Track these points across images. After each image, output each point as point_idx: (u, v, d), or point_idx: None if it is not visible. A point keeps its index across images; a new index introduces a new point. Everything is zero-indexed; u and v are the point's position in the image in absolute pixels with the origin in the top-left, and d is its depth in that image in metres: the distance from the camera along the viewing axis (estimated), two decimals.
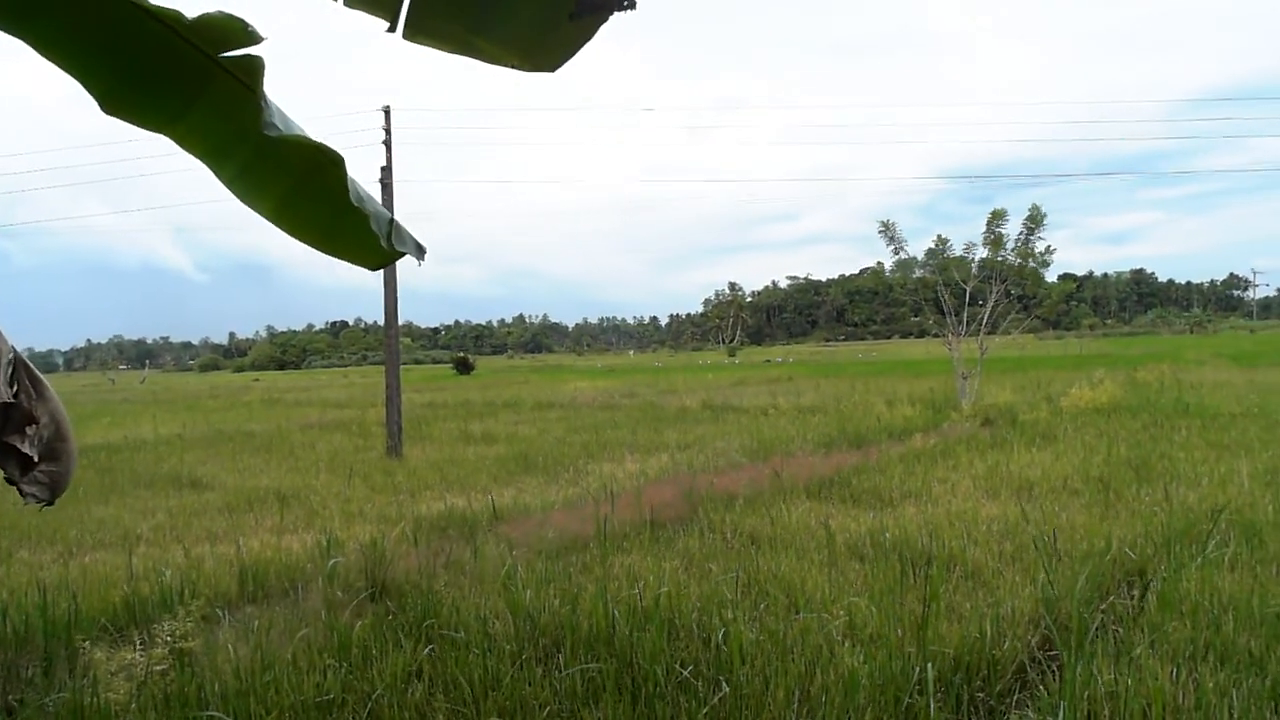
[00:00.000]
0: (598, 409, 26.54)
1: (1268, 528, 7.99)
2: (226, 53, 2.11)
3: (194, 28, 2.05)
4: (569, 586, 6.78)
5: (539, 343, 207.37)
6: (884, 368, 48.88)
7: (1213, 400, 19.92)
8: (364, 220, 2.31)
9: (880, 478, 11.60)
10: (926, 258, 24.01)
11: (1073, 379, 26.31)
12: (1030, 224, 22.40)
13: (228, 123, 2.26)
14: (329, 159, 2.26)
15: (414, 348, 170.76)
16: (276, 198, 2.42)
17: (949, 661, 5.20)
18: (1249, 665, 5.05)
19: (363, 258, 2.57)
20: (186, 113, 2.25)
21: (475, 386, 45.83)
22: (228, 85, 2.18)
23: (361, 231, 2.36)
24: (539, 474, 13.79)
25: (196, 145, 2.35)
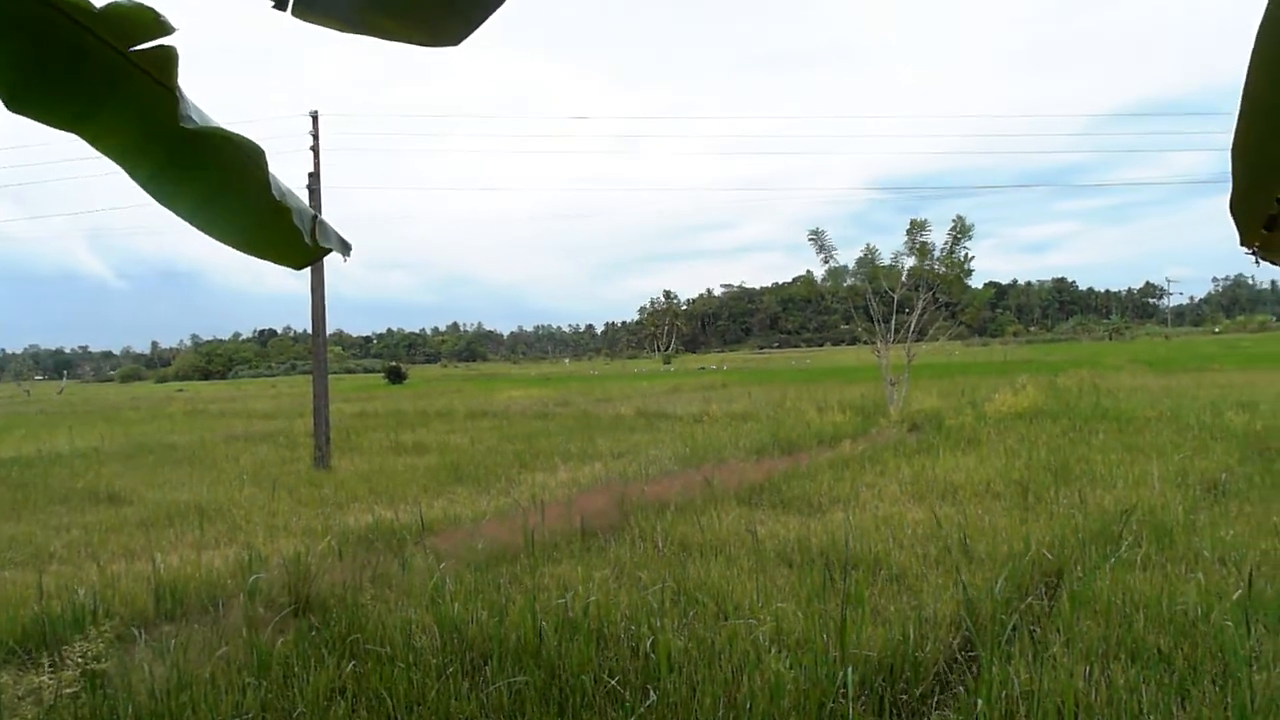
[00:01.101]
0: (531, 418, 26.41)
1: (1177, 528, 8.29)
2: (138, 45, 2.03)
3: (102, 19, 1.96)
4: (498, 598, 6.73)
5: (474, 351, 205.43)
6: (816, 374, 49.54)
7: (1129, 405, 20.60)
8: (287, 217, 2.24)
9: (810, 484, 11.74)
10: (857, 266, 24.41)
11: (997, 385, 26.99)
12: (957, 234, 22.94)
13: (141, 120, 2.16)
14: (248, 152, 2.17)
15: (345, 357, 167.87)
16: (194, 196, 2.32)
17: (873, 664, 5.28)
18: (1158, 662, 5.23)
19: (286, 256, 2.48)
20: (97, 110, 2.15)
21: (407, 396, 45.24)
22: (140, 80, 2.09)
23: (284, 229, 2.28)
24: (470, 484, 13.67)
25: (109, 144, 2.25)
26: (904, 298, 23.46)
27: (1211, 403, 20.21)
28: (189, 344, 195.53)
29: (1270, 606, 5.95)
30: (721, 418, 22.54)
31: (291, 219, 2.19)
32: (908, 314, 23.42)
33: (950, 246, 23.08)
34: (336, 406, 30.57)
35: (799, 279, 29.73)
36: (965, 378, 34.88)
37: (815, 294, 25.53)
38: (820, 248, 23.34)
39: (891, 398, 22.32)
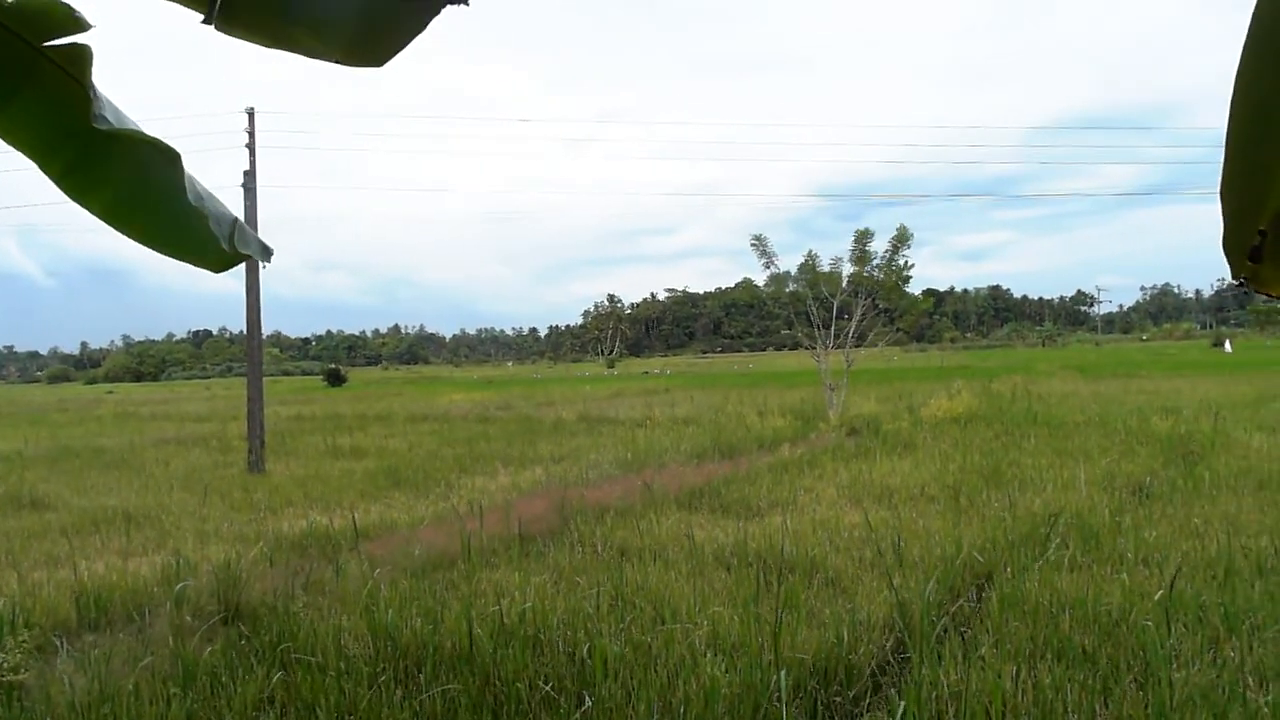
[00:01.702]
0: (472, 421, 26.20)
1: (1103, 530, 8.51)
2: (51, 41, 1.98)
3: (15, 12, 1.91)
4: (433, 604, 6.65)
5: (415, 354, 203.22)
6: (758, 379, 49.93)
7: (1059, 410, 21.11)
8: (203, 221, 2.20)
9: (749, 488, 11.82)
10: (799, 272, 24.66)
11: (933, 390, 27.46)
12: (897, 242, 23.30)
13: (53, 116, 2.11)
14: (164, 155, 2.14)
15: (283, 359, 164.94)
16: (108, 196, 2.28)
17: (807, 667, 5.33)
18: (1082, 661, 5.36)
19: (204, 259, 2.45)
20: (7, 105, 2.10)
21: (346, 399, 44.58)
22: (53, 76, 2.04)
23: (200, 233, 2.24)
24: (408, 489, 13.50)
25: (21, 140, 2.20)
26: (844, 304, 23.77)
27: (1138, 408, 20.81)
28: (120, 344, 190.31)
29: (1190, 606, 6.13)
30: (664, 422, 22.60)
31: (208, 223, 2.15)
32: (847, 320, 23.72)
33: (890, 254, 23.43)
34: (273, 409, 30.00)
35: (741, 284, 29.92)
36: (903, 383, 35.44)
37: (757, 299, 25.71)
38: (762, 253, 23.55)
39: (831, 402, 22.58)
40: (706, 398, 31.94)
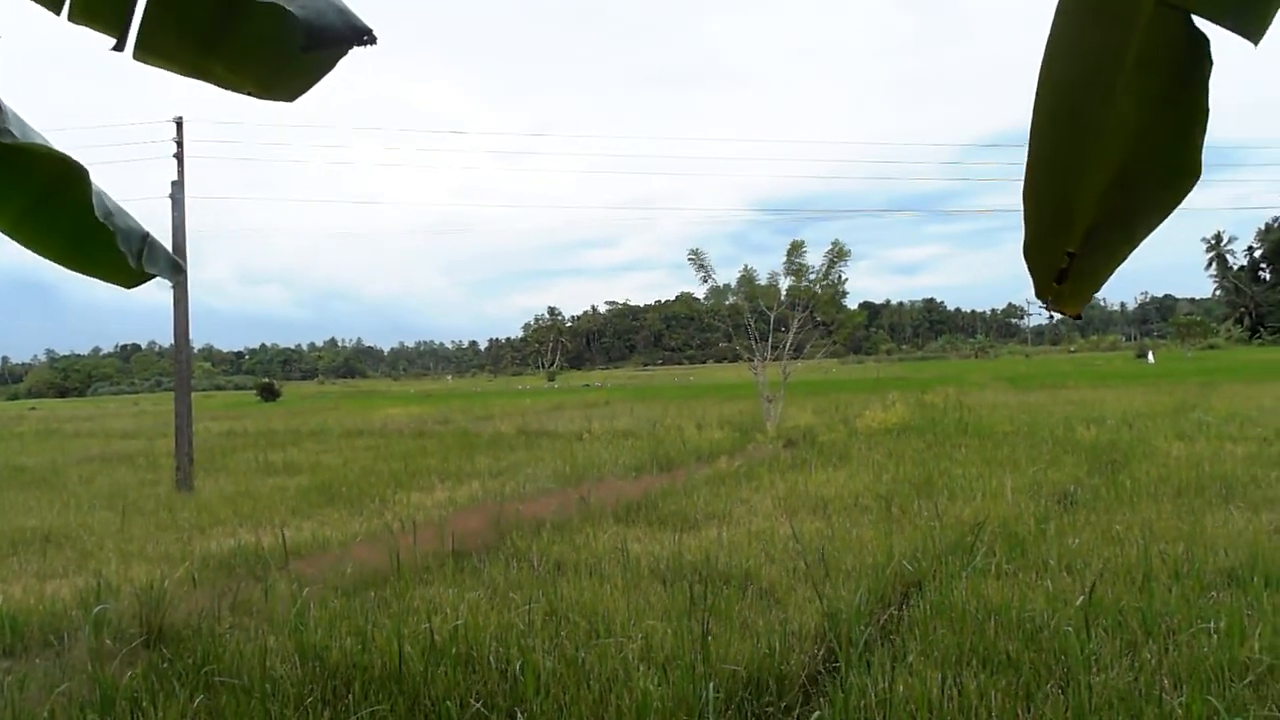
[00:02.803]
0: (409, 436, 25.89)
1: (1029, 537, 8.72)
2: None
3: None
4: (364, 623, 6.55)
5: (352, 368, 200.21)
6: (697, 391, 50.17)
7: (989, 420, 21.58)
8: (110, 238, 2.17)
9: (686, 500, 11.87)
10: (739, 285, 24.88)
11: (869, 401, 27.90)
12: (834, 257, 23.64)
13: None
14: (72, 172, 2.10)
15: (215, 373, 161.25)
16: (13, 211, 2.23)
17: (740, 679, 5.36)
18: (1007, 667, 5.48)
19: (114, 276, 2.41)
20: None
21: (280, 414, 43.71)
22: None
23: (107, 249, 2.21)
24: (342, 505, 13.29)
25: None
26: (781, 316, 24.04)
27: (1065, 418, 21.36)
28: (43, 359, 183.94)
29: (1109, 611, 6.31)
30: (603, 435, 22.58)
31: (116, 240, 2.12)
32: (785, 332, 23.99)
33: (826, 268, 23.77)
34: (203, 425, 29.30)
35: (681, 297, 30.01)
36: (840, 394, 35.91)
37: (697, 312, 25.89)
38: (699, 267, 23.73)
39: (768, 414, 22.79)
40: (646, 410, 32.01)
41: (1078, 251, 1.19)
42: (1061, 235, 1.20)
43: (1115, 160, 1.13)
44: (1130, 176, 1.13)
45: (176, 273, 2.51)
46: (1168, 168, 1.13)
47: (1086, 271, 1.21)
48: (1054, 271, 1.21)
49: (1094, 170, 1.15)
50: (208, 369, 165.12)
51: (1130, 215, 1.17)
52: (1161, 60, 1.11)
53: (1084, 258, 1.19)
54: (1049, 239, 1.21)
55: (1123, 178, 1.13)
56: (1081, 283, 1.22)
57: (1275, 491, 10.84)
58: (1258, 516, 9.45)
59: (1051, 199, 1.20)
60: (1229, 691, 5.00)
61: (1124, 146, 1.12)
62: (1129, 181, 1.13)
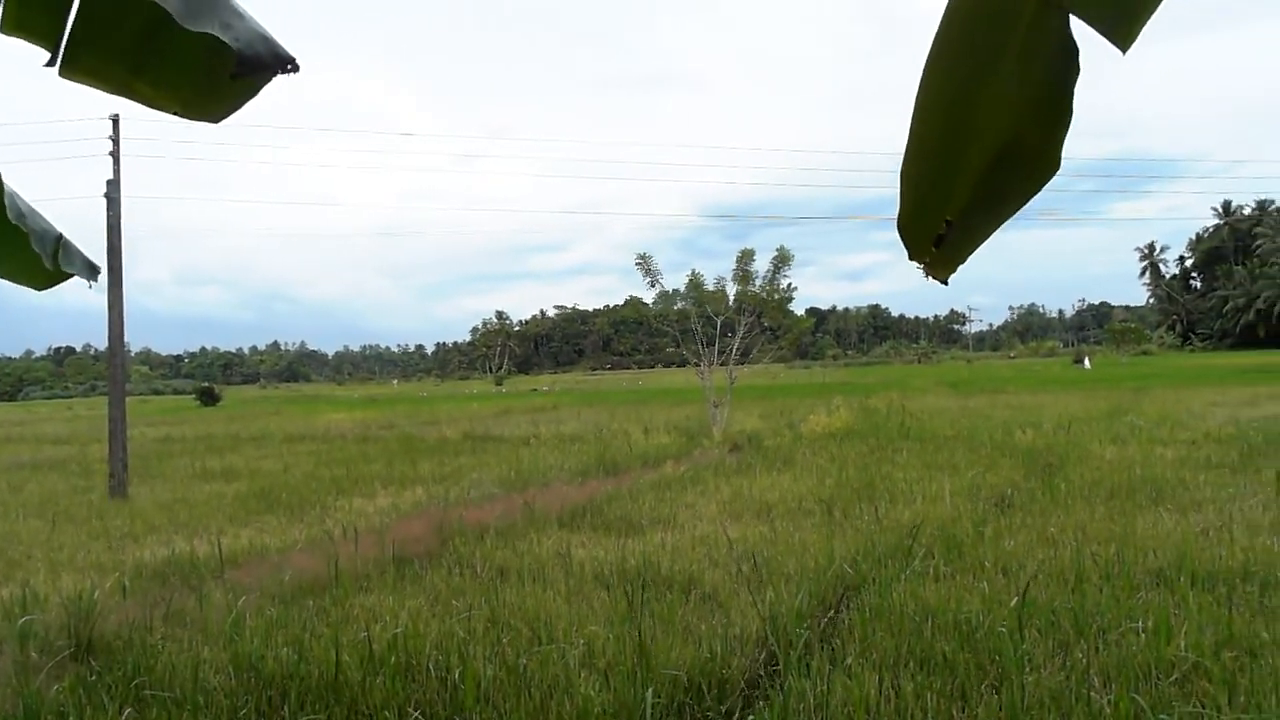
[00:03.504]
0: (352, 441, 25.55)
1: (966, 540, 8.87)
2: None
3: None
4: (301, 632, 6.44)
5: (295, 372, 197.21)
6: (646, 396, 50.26)
7: (931, 425, 21.94)
8: (23, 239, 2.12)
9: (631, 505, 11.88)
10: (688, 290, 24.98)
11: (814, 406, 28.15)
12: (778, 263, 23.86)
13: None
14: None
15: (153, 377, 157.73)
16: None
17: (681, 683, 5.38)
18: (943, 668, 5.57)
19: (27, 277, 2.37)
20: None
21: (220, 419, 42.85)
22: None
23: (21, 251, 2.16)
24: (282, 512, 13.05)
25: None
26: (729, 321, 24.18)
27: (1004, 422, 21.79)
28: None
29: (1042, 612, 6.44)
30: (550, 440, 22.51)
31: (29, 241, 2.08)
32: (732, 338, 24.14)
33: (772, 274, 23.98)
34: (139, 430, 28.63)
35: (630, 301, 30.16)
36: (786, 399, 36.22)
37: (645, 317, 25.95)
38: (647, 272, 23.77)
39: (715, 419, 22.90)
40: (594, 415, 31.98)
41: (954, 221, 1.26)
42: (940, 206, 1.30)
43: (993, 145, 1.22)
44: (1004, 162, 1.22)
45: (93, 273, 2.47)
46: (1035, 159, 1.22)
47: (958, 242, 1.31)
48: (931, 237, 1.28)
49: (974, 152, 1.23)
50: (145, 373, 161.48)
51: (999, 198, 1.27)
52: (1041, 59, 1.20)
53: (957, 229, 1.27)
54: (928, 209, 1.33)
55: (997, 162, 1.22)
56: (953, 251, 1.32)
57: (1202, 494, 11.17)
58: (1185, 518, 9.73)
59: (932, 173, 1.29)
60: (1155, 689, 5.14)
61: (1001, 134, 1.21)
62: (1003, 166, 1.23)
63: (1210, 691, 5.07)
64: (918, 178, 1.25)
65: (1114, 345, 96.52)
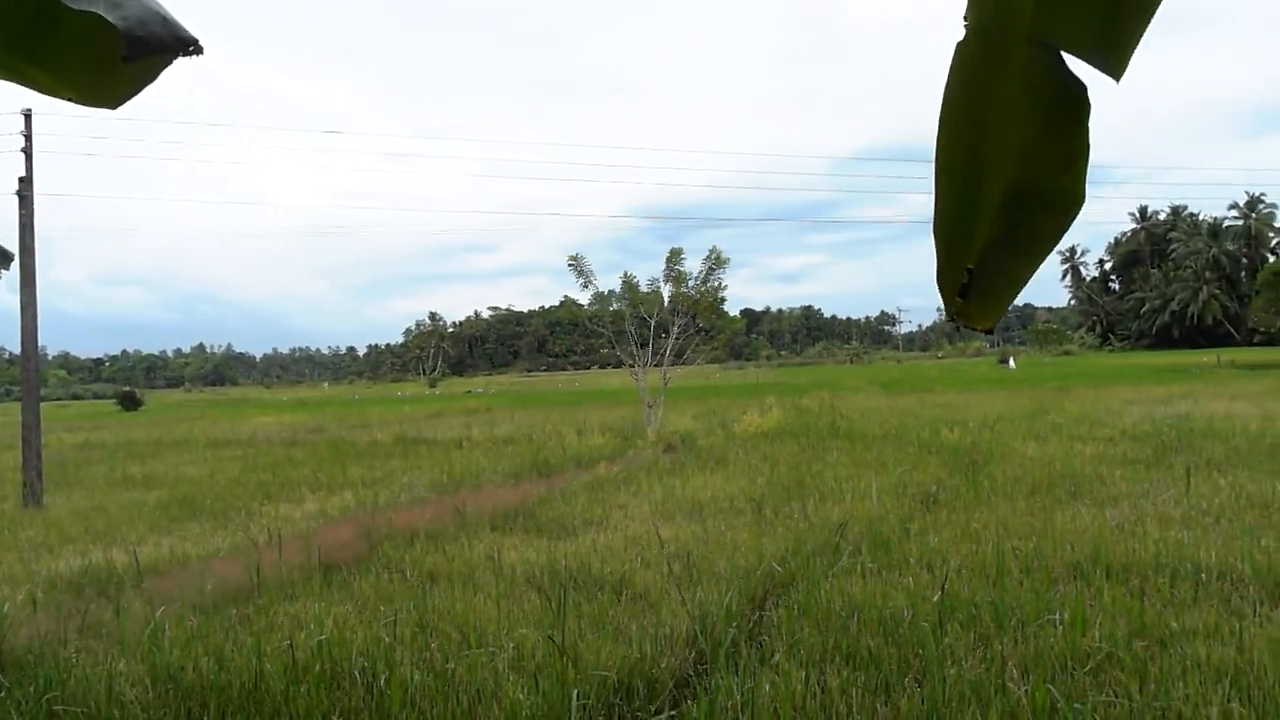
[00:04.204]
0: (280, 446, 25.03)
1: (893, 537, 9.04)
2: None
3: None
4: (223, 642, 6.29)
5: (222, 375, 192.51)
6: (581, 397, 50.16)
7: (860, 424, 22.29)
8: None
9: (564, 507, 11.85)
10: (623, 291, 25.01)
11: (747, 406, 28.41)
12: (712, 264, 24.02)
13: None
14: None
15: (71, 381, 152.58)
16: None
17: (610, 683, 5.38)
18: (868, 663, 5.66)
19: None
20: None
21: (142, 424, 41.61)
22: None
23: None
24: (206, 519, 12.73)
25: None
26: (664, 322, 24.27)
27: (931, 421, 22.24)
28: None
29: (964, 606, 6.59)
30: (483, 442, 22.34)
31: None
32: (665, 338, 24.23)
33: (705, 275, 24.13)
34: (55, 436, 27.68)
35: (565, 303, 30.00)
36: (720, 399, 36.49)
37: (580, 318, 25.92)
38: (579, 273, 23.74)
39: (649, 420, 22.97)
40: (528, 417, 31.82)
41: (975, 268, 1.26)
42: (962, 256, 1.29)
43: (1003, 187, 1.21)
44: (1021, 203, 1.21)
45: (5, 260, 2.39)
46: (1054, 196, 1.21)
47: (988, 290, 1.30)
48: (957, 288, 1.29)
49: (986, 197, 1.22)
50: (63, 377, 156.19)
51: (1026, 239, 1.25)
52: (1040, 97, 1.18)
53: (983, 276, 1.26)
54: (953, 260, 1.30)
55: (1014, 204, 1.21)
56: (985, 300, 1.31)
57: (1118, 489, 11.54)
58: (1102, 512, 10.04)
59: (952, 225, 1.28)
60: (1071, 679, 5.30)
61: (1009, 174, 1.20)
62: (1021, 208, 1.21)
63: (1122, 680, 5.24)
64: (944, 233, 1.25)
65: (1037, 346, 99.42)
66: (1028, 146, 1.16)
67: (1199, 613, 6.45)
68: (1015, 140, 1.17)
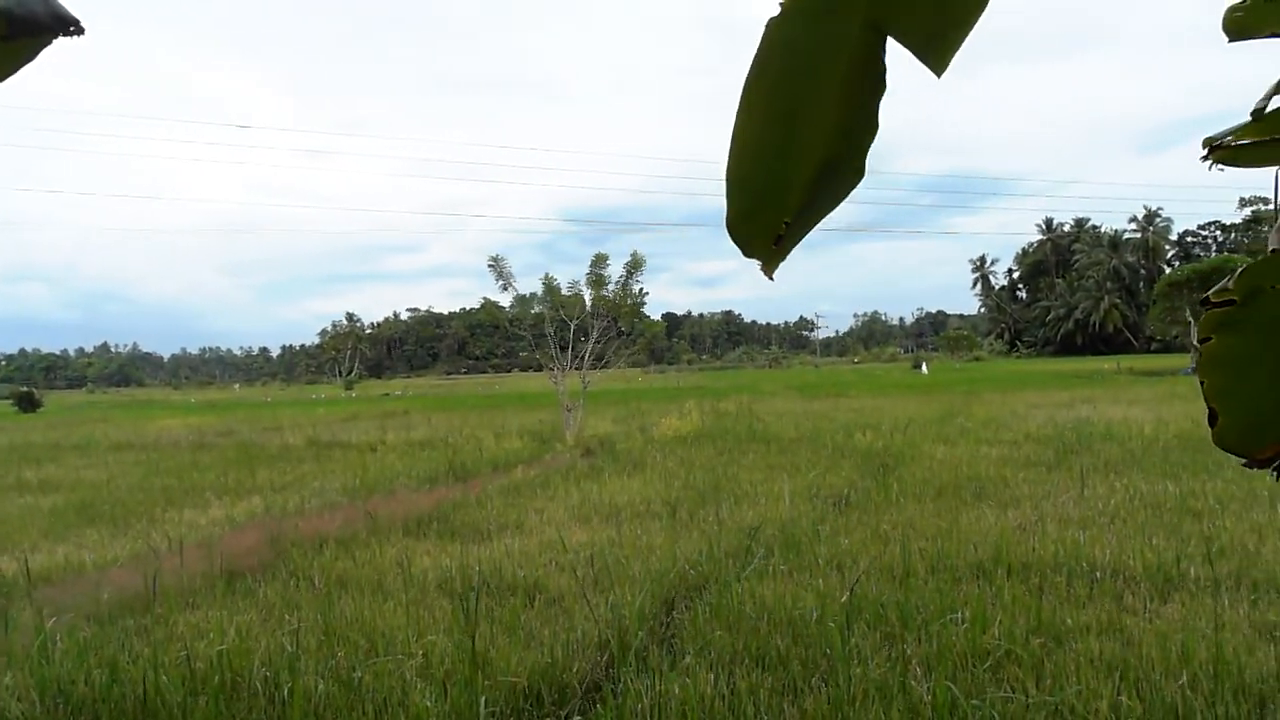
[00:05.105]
0: (187, 449, 24.24)
1: (804, 539, 9.17)
2: None
3: None
4: (119, 653, 6.06)
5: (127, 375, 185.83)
6: (501, 400, 49.75)
7: (777, 427, 22.59)
8: None
9: (479, 511, 11.73)
10: (545, 294, 24.86)
11: (667, 410, 28.56)
12: (631, 268, 24.06)
13: None
14: None
15: None
16: None
17: (520, 689, 5.34)
18: (776, 664, 5.73)
19: None
20: None
21: (40, 426, 39.86)
22: None
23: None
24: (104, 526, 12.24)
25: None
26: (584, 325, 24.21)
27: (845, 425, 22.65)
28: None
29: (871, 606, 6.72)
30: (398, 445, 21.99)
31: None
32: (585, 342, 24.19)
33: (625, 279, 24.16)
34: None
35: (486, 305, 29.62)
36: (641, 403, 36.58)
37: (501, 321, 25.67)
38: (499, 275, 23.54)
39: (568, 423, 22.90)
40: (446, 420, 31.44)
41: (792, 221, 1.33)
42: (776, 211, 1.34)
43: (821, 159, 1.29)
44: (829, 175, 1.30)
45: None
46: (848, 170, 1.31)
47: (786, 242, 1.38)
48: (771, 238, 1.34)
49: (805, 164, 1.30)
50: None
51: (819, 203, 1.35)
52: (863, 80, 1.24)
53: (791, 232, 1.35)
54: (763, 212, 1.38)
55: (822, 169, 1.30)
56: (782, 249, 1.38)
57: (1021, 491, 11.91)
58: (1005, 514, 10.35)
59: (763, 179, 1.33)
60: (971, 676, 5.45)
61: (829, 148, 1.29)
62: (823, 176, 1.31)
63: (1019, 676, 5.41)
64: (748, 182, 1.30)
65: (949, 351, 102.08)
66: (848, 124, 1.25)
67: (1093, 609, 6.70)
68: (835, 119, 1.24)
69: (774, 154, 1.29)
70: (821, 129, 1.26)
